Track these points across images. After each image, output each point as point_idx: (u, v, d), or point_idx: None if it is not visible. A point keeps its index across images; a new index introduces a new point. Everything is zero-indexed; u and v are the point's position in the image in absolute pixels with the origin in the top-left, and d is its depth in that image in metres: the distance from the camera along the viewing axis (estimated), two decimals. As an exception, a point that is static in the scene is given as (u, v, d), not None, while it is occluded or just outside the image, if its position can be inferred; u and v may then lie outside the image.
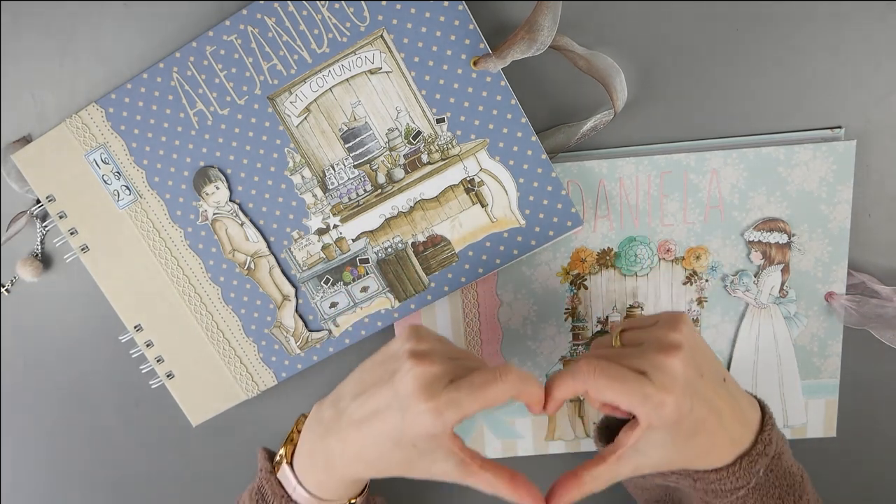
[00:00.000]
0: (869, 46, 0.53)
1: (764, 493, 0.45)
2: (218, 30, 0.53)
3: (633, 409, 0.40)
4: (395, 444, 0.42)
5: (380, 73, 0.53)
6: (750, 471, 0.44)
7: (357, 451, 0.43)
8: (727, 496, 0.45)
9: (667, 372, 0.40)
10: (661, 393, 0.39)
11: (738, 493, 0.45)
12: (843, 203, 0.55)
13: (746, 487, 0.45)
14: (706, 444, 0.43)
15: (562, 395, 0.42)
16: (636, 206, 0.55)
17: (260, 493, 0.48)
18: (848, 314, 0.56)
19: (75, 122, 0.55)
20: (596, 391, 0.40)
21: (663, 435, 0.41)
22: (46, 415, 0.62)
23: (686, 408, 0.40)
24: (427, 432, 0.40)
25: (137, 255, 0.56)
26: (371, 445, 0.42)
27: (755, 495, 0.45)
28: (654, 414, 0.39)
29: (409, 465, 0.43)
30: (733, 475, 0.44)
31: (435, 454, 0.42)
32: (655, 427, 0.41)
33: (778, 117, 0.54)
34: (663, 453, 0.42)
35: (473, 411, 0.40)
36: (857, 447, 0.61)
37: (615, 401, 0.40)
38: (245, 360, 0.58)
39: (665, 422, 0.40)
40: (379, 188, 0.54)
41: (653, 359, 0.41)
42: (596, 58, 0.52)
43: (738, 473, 0.44)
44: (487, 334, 0.58)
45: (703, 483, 0.45)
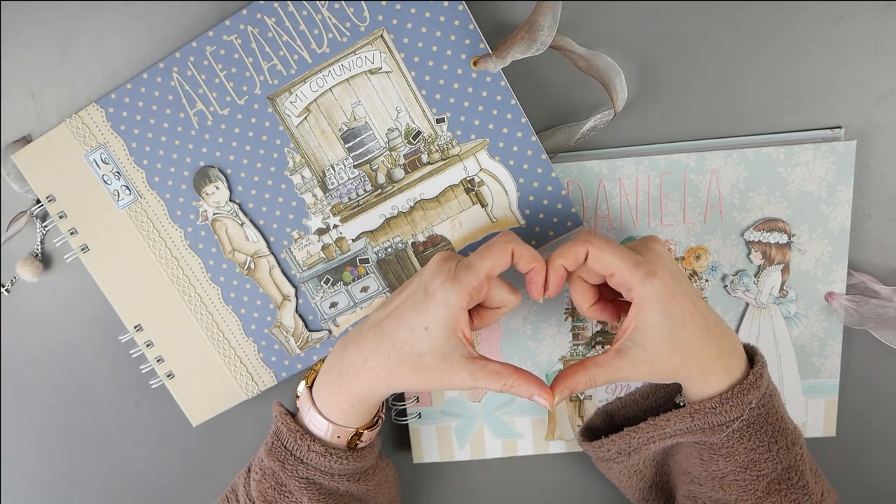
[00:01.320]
0: (869, 46, 0.53)
1: (757, 429, 0.47)
2: (218, 30, 0.53)
3: (626, 274, 0.44)
4: (410, 332, 0.44)
5: (380, 73, 0.53)
6: (743, 400, 0.46)
7: (371, 353, 0.46)
8: (722, 430, 0.46)
9: (656, 252, 0.46)
10: (651, 264, 0.44)
11: (733, 426, 0.46)
12: (843, 203, 0.55)
13: (740, 419, 0.46)
14: (695, 342, 0.45)
15: (563, 259, 0.45)
16: (636, 206, 0.55)
17: (276, 436, 0.50)
18: (848, 314, 0.56)
19: (75, 122, 0.55)
20: (596, 251, 0.44)
21: (657, 320, 0.44)
22: (46, 414, 0.62)
23: (673, 284, 0.44)
24: (446, 300, 0.44)
25: (137, 255, 0.56)
26: (385, 340, 0.45)
27: (749, 430, 0.47)
28: (646, 281, 0.43)
29: (421, 363, 0.45)
30: (727, 402, 0.46)
31: (446, 345, 0.44)
32: (648, 301, 0.44)
33: (778, 117, 0.54)
34: (659, 344, 0.44)
35: (484, 270, 0.44)
36: (857, 447, 0.61)
37: (610, 265, 0.44)
38: (245, 360, 0.58)
39: (656, 291, 0.43)
40: (379, 188, 0.54)
41: (641, 246, 0.47)
42: (596, 58, 0.52)
43: (731, 401, 0.46)
44: (487, 334, 0.58)
45: (700, 417, 0.46)
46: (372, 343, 0.46)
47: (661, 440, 0.49)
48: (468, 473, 0.62)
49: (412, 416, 0.60)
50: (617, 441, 0.50)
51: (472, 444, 0.60)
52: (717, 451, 0.48)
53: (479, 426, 0.60)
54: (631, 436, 0.49)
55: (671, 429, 0.48)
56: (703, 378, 0.46)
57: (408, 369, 0.45)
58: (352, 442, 0.50)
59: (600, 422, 0.56)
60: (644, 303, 0.44)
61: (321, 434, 0.49)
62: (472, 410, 0.60)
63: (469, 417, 0.60)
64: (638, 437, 0.49)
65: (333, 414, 0.49)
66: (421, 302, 0.44)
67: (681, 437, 0.48)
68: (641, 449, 0.50)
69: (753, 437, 0.47)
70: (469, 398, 0.59)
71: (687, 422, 0.47)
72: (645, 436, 0.49)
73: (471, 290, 0.44)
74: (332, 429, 0.49)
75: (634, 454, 0.50)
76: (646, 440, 0.49)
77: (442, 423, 0.60)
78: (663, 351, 0.45)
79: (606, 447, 0.51)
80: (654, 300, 0.44)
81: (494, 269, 0.45)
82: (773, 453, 0.47)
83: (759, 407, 0.47)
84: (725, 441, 0.47)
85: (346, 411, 0.48)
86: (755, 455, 0.47)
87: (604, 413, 0.56)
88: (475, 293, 0.44)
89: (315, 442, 0.48)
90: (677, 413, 0.47)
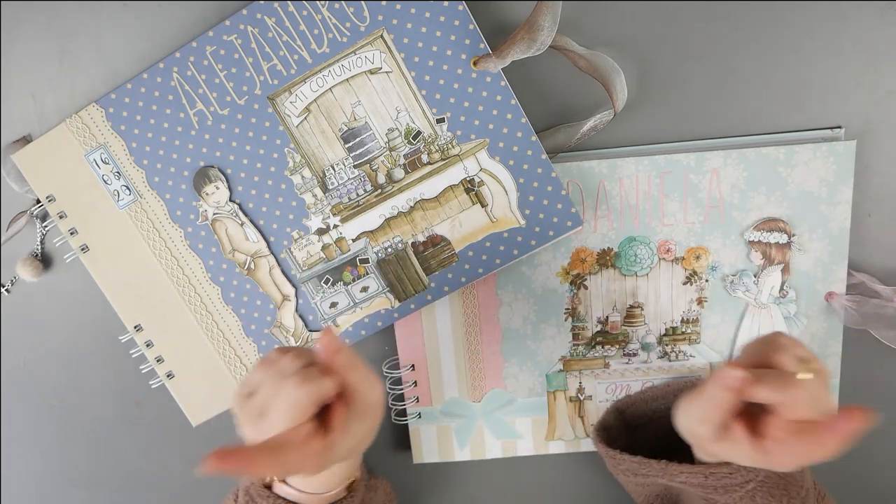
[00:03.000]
0: (869, 46, 0.53)
1: (772, 485, 0.46)
2: (218, 30, 0.53)
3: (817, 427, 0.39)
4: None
5: (380, 73, 0.53)
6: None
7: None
8: (737, 491, 0.46)
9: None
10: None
11: (748, 487, 0.45)
12: (843, 203, 0.55)
13: (755, 480, 0.45)
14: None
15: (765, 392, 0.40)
16: (636, 206, 0.55)
17: (248, 495, 0.48)
18: (848, 314, 0.56)
19: (75, 122, 0.55)
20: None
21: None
22: (46, 414, 0.62)
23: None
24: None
25: (137, 255, 0.56)
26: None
27: (763, 488, 0.46)
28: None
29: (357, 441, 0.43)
30: (744, 468, 0.45)
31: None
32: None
33: (778, 117, 0.54)
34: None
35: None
36: (858, 447, 0.61)
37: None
38: (245, 360, 0.58)
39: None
40: (379, 188, 0.54)
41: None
42: (596, 58, 0.52)
43: (748, 466, 0.44)
44: (487, 334, 0.58)
45: (714, 479, 0.45)
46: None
47: (669, 481, 0.48)
48: (468, 473, 0.62)
49: (412, 416, 0.60)
50: (627, 462, 0.50)
51: (472, 445, 0.60)
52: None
53: (479, 426, 0.60)
54: (641, 465, 0.49)
55: (682, 478, 0.47)
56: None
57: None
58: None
59: (612, 419, 0.56)
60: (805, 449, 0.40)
61: (294, 497, 0.47)
62: (472, 410, 0.60)
63: (469, 417, 0.60)
64: (647, 469, 0.49)
65: (314, 487, 0.47)
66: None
67: (690, 488, 0.48)
68: (649, 477, 0.49)
69: (766, 496, 0.46)
70: (470, 398, 0.59)
71: (700, 479, 0.46)
72: (654, 472, 0.48)
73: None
74: (305, 497, 0.47)
75: (641, 477, 0.50)
76: (654, 475, 0.49)
77: (442, 424, 0.60)
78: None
79: (617, 461, 0.51)
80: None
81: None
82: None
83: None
84: (738, 501, 0.46)
85: (329, 481, 0.47)
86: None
87: (615, 411, 0.56)
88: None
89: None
90: (691, 469, 0.46)
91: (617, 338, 0.58)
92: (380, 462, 0.61)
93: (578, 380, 0.59)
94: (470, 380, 0.59)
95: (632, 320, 0.58)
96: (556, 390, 0.59)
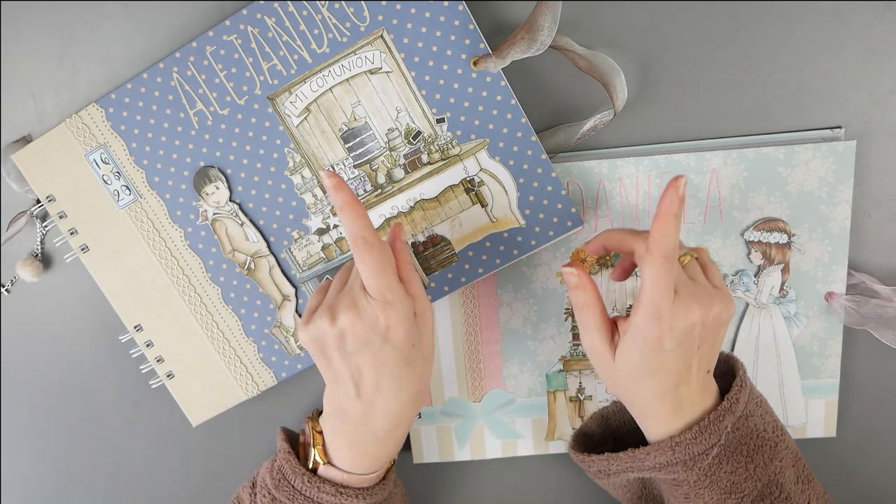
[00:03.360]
0: (869, 46, 0.53)
1: (733, 451, 0.46)
2: (218, 30, 0.53)
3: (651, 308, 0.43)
4: (407, 363, 0.46)
5: (380, 73, 0.53)
6: (719, 426, 0.45)
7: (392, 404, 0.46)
8: (703, 459, 0.46)
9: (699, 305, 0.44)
10: (671, 317, 0.43)
11: (713, 454, 0.46)
12: (843, 203, 0.55)
13: (718, 444, 0.45)
14: (654, 397, 0.45)
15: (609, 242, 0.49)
16: (636, 206, 0.55)
17: (281, 473, 0.49)
18: (848, 314, 0.56)
19: (75, 122, 0.55)
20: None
21: (635, 353, 0.44)
22: (46, 415, 0.62)
23: (669, 340, 0.43)
24: (400, 320, 0.44)
25: (137, 256, 0.56)
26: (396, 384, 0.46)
27: (727, 453, 0.46)
28: (654, 324, 0.43)
29: (424, 365, 0.47)
30: (704, 430, 0.45)
31: (419, 331, 0.46)
32: (635, 336, 0.44)
33: (778, 117, 0.54)
34: (626, 368, 0.45)
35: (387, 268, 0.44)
36: (857, 447, 0.61)
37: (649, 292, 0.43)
38: (245, 360, 0.58)
39: (651, 334, 0.43)
40: (379, 188, 0.54)
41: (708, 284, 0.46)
42: (596, 58, 0.52)
43: (708, 428, 0.45)
44: (487, 334, 0.58)
45: (681, 450, 0.46)
46: (390, 405, 0.47)
47: (640, 472, 0.48)
48: (468, 473, 0.62)
49: (412, 416, 0.60)
50: (596, 462, 0.50)
51: (472, 445, 0.60)
52: (699, 485, 0.47)
53: (479, 426, 0.60)
54: (610, 461, 0.49)
55: (651, 462, 0.47)
56: (654, 423, 0.47)
57: (423, 381, 0.47)
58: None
59: (595, 426, 0.55)
60: (632, 335, 0.44)
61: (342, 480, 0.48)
62: (472, 410, 0.60)
63: (469, 417, 0.60)
64: (616, 464, 0.48)
65: (371, 468, 0.48)
66: (390, 356, 0.45)
67: (659, 473, 0.47)
68: (620, 474, 0.49)
69: (731, 460, 0.46)
70: (470, 398, 0.59)
71: (668, 455, 0.46)
72: (623, 465, 0.48)
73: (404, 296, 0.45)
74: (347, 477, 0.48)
75: (614, 476, 0.50)
76: (623, 468, 0.48)
77: (442, 424, 0.60)
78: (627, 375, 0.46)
79: (587, 464, 0.51)
80: (643, 339, 0.44)
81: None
82: (751, 472, 0.46)
83: (734, 431, 0.46)
84: (707, 470, 0.46)
85: (380, 460, 0.49)
86: (735, 477, 0.46)
87: (599, 417, 0.55)
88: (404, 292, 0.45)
89: (325, 483, 0.47)
90: (657, 447, 0.46)
91: (617, 338, 0.58)
92: (380, 462, 0.61)
93: (578, 380, 0.59)
94: (470, 380, 0.59)
95: (632, 320, 0.58)
96: (557, 390, 0.59)
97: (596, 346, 0.46)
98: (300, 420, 0.60)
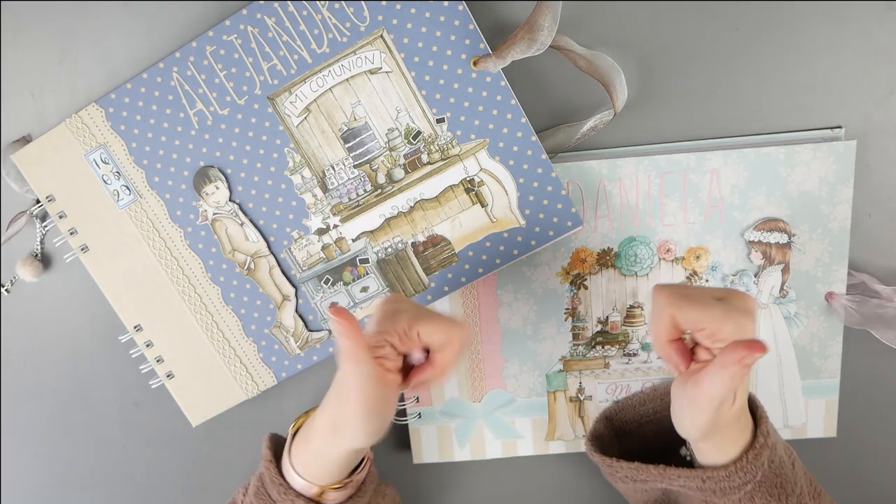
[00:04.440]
0: (869, 46, 0.53)
1: (769, 485, 0.46)
2: (218, 30, 0.53)
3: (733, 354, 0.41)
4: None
5: (380, 73, 0.53)
6: (756, 464, 0.45)
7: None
8: (735, 493, 0.46)
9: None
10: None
11: (746, 489, 0.45)
12: (843, 203, 0.55)
13: (753, 482, 0.45)
14: (726, 427, 0.44)
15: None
16: (636, 206, 0.55)
17: (261, 480, 0.49)
18: (848, 314, 0.56)
19: (75, 122, 0.55)
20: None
21: (719, 392, 0.42)
22: (46, 415, 0.62)
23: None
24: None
25: (137, 255, 0.56)
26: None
27: (761, 489, 0.46)
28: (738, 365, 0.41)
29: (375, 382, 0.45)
30: (741, 469, 0.45)
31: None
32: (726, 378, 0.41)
33: (778, 117, 0.54)
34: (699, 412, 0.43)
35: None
36: (857, 447, 0.61)
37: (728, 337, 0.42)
38: (245, 360, 0.58)
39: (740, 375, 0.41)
40: (379, 188, 0.54)
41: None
42: (596, 58, 0.52)
43: (745, 468, 0.45)
44: (487, 334, 0.58)
45: (712, 482, 0.45)
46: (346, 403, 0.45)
47: (668, 485, 0.48)
48: (468, 473, 0.62)
49: (412, 416, 0.60)
50: (625, 468, 0.50)
51: (472, 445, 0.60)
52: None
53: (479, 426, 0.60)
54: (639, 470, 0.49)
55: (680, 482, 0.47)
56: (717, 451, 0.46)
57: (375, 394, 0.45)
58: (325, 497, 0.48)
59: (603, 428, 0.55)
60: (724, 376, 0.41)
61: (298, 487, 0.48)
62: (472, 411, 0.60)
63: (469, 418, 0.60)
64: (644, 475, 0.49)
65: (306, 470, 0.48)
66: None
67: (688, 491, 0.48)
68: (647, 482, 0.49)
69: (764, 496, 0.46)
70: (470, 398, 0.59)
71: (697, 483, 0.46)
72: (651, 477, 0.48)
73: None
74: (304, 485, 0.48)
75: (640, 483, 0.50)
76: (651, 480, 0.49)
77: (442, 424, 0.60)
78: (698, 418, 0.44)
79: (615, 468, 0.50)
80: (733, 379, 0.41)
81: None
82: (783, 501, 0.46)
83: (769, 464, 0.46)
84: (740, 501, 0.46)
85: (311, 467, 0.48)
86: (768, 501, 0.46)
87: (603, 419, 0.56)
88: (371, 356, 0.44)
89: (299, 498, 0.47)
90: (688, 473, 0.46)
91: (617, 338, 0.58)
92: (380, 462, 0.61)
93: (578, 380, 0.59)
94: (470, 380, 0.59)
95: (632, 320, 0.58)
96: (557, 390, 0.59)
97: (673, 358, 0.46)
98: (300, 420, 0.61)
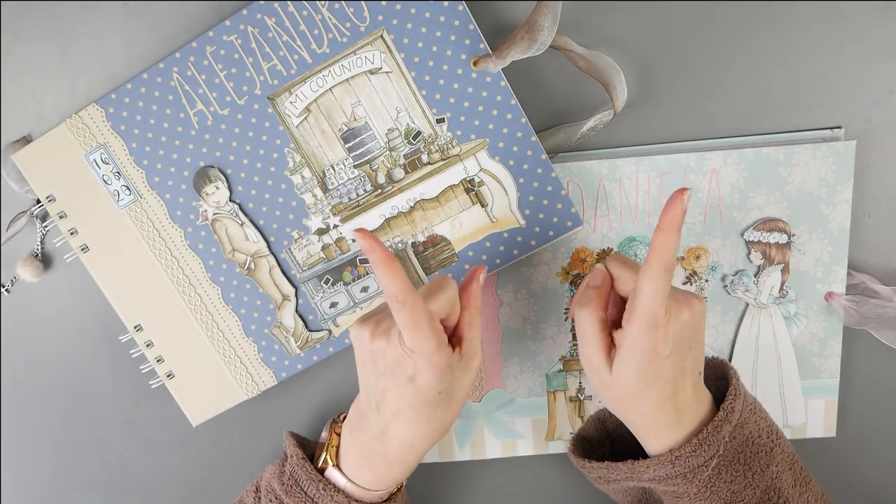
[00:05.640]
0: (869, 46, 0.53)
1: (731, 460, 0.46)
2: (218, 30, 0.53)
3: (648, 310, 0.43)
4: (427, 403, 0.45)
5: (380, 74, 0.53)
6: (717, 436, 0.45)
7: (408, 433, 0.46)
8: (703, 471, 0.46)
9: (689, 311, 0.45)
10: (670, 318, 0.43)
11: (712, 465, 0.46)
12: (843, 203, 0.55)
13: (717, 455, 0.45)
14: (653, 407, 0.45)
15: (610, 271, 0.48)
16: (636, 206, 0.55)
17: (293, 478, 0.49)
18: (848, 314, 0.56)
19: (75, 122, 0.55)
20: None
21: (633, 365, 0.44)
22: (46, 415, 0.62)
23: (664, 347, 0.43)
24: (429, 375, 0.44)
25: (137, 255, 0.56)
26: (412, 418, 0.45)
27: (725, 462, 0.46)
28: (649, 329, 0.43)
29: (449, 409, 0.46)
30: (703, 442, 0.45)
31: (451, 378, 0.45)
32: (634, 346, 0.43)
33: (778, 117, 0.54)
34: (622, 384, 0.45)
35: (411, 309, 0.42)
36: (857, 447, 0.61)
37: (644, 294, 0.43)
38: (245, 360, 0.58)
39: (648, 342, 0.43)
40: (379, 188, 0.54)
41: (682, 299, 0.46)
42: (596, 58, 0.52)
43: (707, 441, 0.45)
44: (487, 334, 0.58)
45: (681, 463, 0.45)
46: (407, 432, 0.47)
47: (639, 482, 0.48)
48: (468, 473, 0.62)
49: (412, 416, 0.60)
50: (595, 468, 0.50)
51: (472, 445, 0.60)
52: (699, 496, 0.47)
53: (479, 426, 0.60)
54: (609, 470, 0.49)
55: (650, 475, 0.47)
56: (656, 437, 0.47)
57: (442, 421, 0.47)
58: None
59: (593, 429, 0.55)
60: (629, 347, 0.44)
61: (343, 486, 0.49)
62: (472, 410, 0.60)
63: (469, 418, 0.60)
64: (615, 473, 0.49)
65: (379, 485, 0.49)
66: (412, 393, 0.45)
67: (658, 485, 0.48)
68: (620, 482, 0.49)
69: (730, 470, 0.46)
70: (469, 398, 0.59)
71: (667, 468, 0.46)
72: (622, 474, 0.48)
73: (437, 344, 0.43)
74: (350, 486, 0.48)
75: (614, 483, 0.50)
76: (622, 478, 0.49)
77: (442, 423, 0.60)
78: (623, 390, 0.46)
79: (587, 469, 0.51)
80: (640, 350, 0.44)
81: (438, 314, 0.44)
82: (749, 479, 0.46)
83: (731, 440, 0.46)
84: (707, 482, 0.46)
85: (392, 479, 0.49)
86: (734, 486, 0.46)
87: (596, 420, 0.56)
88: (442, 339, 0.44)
89: (338, 493, 0.48)
90: (656, 461, 0.46)
91: (617, 338, 0.58)
92: (380, 462, 0.61)
93: (578, 380, 0.59)
94: (470, 380, 0.59)
95: (632, 320, 0.58)
96: (556, 390, 0.59)
97: (593, 361, 0.46)
98: (300, 420, 0.60)
